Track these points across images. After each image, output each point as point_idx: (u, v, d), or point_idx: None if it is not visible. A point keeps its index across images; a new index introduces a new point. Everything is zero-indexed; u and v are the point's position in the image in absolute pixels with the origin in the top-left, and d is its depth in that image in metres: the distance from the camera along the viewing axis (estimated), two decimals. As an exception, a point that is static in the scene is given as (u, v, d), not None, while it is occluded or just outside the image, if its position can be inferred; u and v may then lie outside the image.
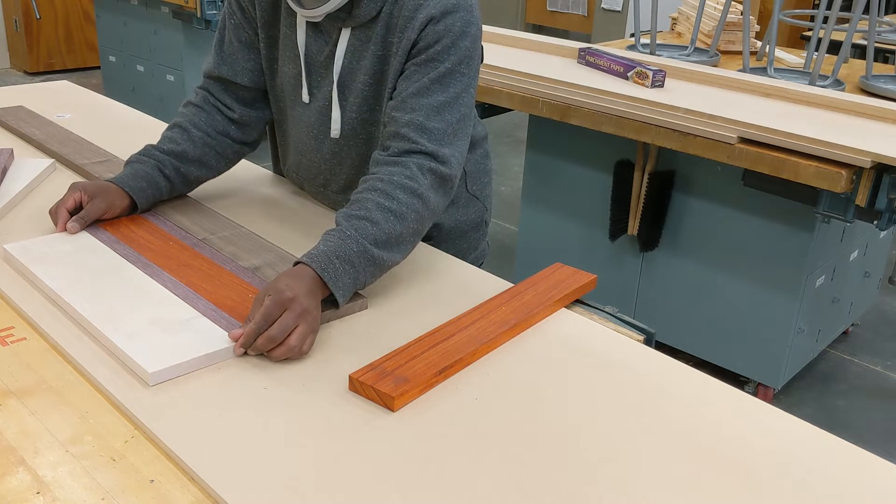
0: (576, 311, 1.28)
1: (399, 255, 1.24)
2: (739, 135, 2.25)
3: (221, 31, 1.49)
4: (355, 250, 1.17)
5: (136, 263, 1.26)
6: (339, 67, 1.38)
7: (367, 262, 1.18)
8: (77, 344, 1.10)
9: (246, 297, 1.19)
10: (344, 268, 1.16)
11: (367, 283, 1.21)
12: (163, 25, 4.64)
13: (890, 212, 2.14)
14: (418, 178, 1.25)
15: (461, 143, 1.32)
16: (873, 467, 0.96)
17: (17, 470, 0.89)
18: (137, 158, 1.45)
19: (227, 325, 1.12)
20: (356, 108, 1.39)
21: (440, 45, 1.29)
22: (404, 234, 1.23)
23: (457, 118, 1.30)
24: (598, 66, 2.77)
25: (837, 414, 2.72)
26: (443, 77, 1.29)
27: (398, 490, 0.88)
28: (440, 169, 1.27)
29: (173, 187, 1.48)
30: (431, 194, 1.26)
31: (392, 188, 1.23)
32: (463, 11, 1.30)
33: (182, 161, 1.46)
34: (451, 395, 1.04)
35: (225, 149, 1.51)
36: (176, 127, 1.49)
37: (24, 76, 6.35)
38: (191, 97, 1.53)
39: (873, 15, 2.85)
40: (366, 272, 1.19)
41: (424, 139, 1.27)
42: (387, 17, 1.32)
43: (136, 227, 1.40)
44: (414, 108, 1.29)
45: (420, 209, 1.24)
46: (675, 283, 2.75)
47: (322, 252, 1.16)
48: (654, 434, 0.99)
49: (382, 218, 1.20)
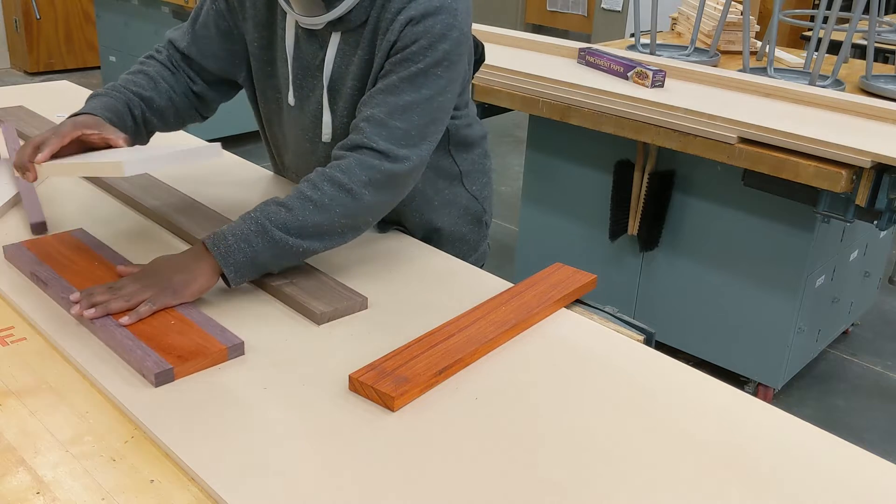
0: (576, 311, 1.28)
1: (319, 244, 1.25)
2: (739, 135, 2.25)
3: (198, 10, 1.48)
4: (253, 229, 1.20)
5: (56, 287, 1.19)
6: (329, 72, 1.38)
7: (267, 243, 1.20)
8: (77, 344, 1.10)
9: (168, 323, 1.12)
10: (238, 245, 1.19)
11: (273, 267, 1.24)
12: (163, 25, 4.64)
13: (890, 212, 2.14)
14: (351, 172, 1.25)
15: (425, 145, 1.30)
16: (873, 467, 0.96)
17: (17, 470, 0.89)
18: (106, 92, 1.41)
19: (142, 357, 1.05)
20: (346, 113, 1.39)
21: (416, 45, 1.27)
22: (325, 224, 1.23)
23: (425, 121, 1.29)
24: (598, 66, 2.77)
25: (837, 414, 2.72)
26: (414, 77, 1.28)
27: (398, 490, 0.88)
28: (385, 166, 1.26)
29: (137, 130, 1.43)
30: (365, 191, 1.25)
31: (321, 180, 1.25)
32: (445, 14, 1.27)
33: (148, 107, 1.44)
34: (451, 395, 1.05)
35: (184, 108, 1.50)
36: (142, 73, 1.45)
37: (24, 76, 6.35)
38: (153, 53, 1.50)
39: (873, 15, 2.85)
40: (266, 252, 1.20)
41: (377, 136, 1.26)
42: (374, 22, 1.32)
43: (61, 244, 1.32)
44: (378, 103, 1.28)
45: (347, 203, 1.24)
46: (675, 283, 2.75)
47: (220, 231, 1.21)
48: (653, 434, 0.99)
49: (299, 206, 1.22)
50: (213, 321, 1.13)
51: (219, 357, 1.07)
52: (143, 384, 1.03)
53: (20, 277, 1.26)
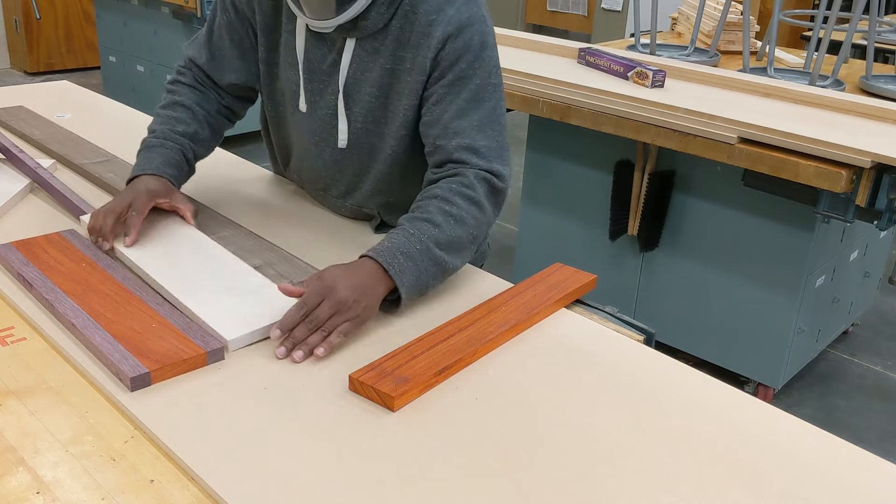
0: (576, 311, 1.28)
1: (459, 261, 1.25)
2: (739, 135, 2.25)
3: (211, 25, 1.48)
4: (418, 248, 1.19)
5: (41, 288, 1.19)
6: (345, 78, 1.37)
7: (430, 262, 1.19)
8: (77, 344, 1.10)
9: (149, 327, 1.11)
10: (407, 264, 1.17)
11: (430, 286, 1.22)
12: (163, 25, 4.64)
13: (890, 212, 2.14)
14: (475, 186, 1.27)
15: (507, 155, 1.33)
16: (873, 467, 0.96)
17: (17, 470, 0.89)
18: (161, 143, 1.42)
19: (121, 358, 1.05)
20: (361, 119, 1.39)
21: (464, 61, 1.29)
22: (464, 238, 1.24)
23: (498, 131, 1.32)
24: (598, 66, 2.77)
25: (837, 414, 2.72)
26: (476, 94, 1.30)
27: (398, 490, 0.88)
28: (494, 181, 1.29)
29: (191, 171, 1.48)
30: (487, 203, 1.28)
31: (451, 195, 1.25)
32: (478, 23, 1.30)
33: (196, 143, 1.46)
34: (451, 395, 1.05)
35: (220, 128, 1.53)
36: (179, 106, 1.47)
37: (24, 76, 6.35)
38: (179, 77, 1.51)
39: (873, 15, 2.84)
40: (428, 272, 1.20)
41: (476, 159, 1.29)
42: (397, 32, 1.32)
43: (50, 245, 1.32)
44: (457, 131, 1.30)
45: (478, 216, 1.26)
46: (675, 283, 2.75)
47: (386, 248, 1.18)
48: (653, 434, 0.99)
49: (444, 221, 1.22)
50: (195, 324, 1.13)
51: (198, 362, 1.06)
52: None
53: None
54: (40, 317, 1.15)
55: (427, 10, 1.30)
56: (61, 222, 1.45)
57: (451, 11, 1.29)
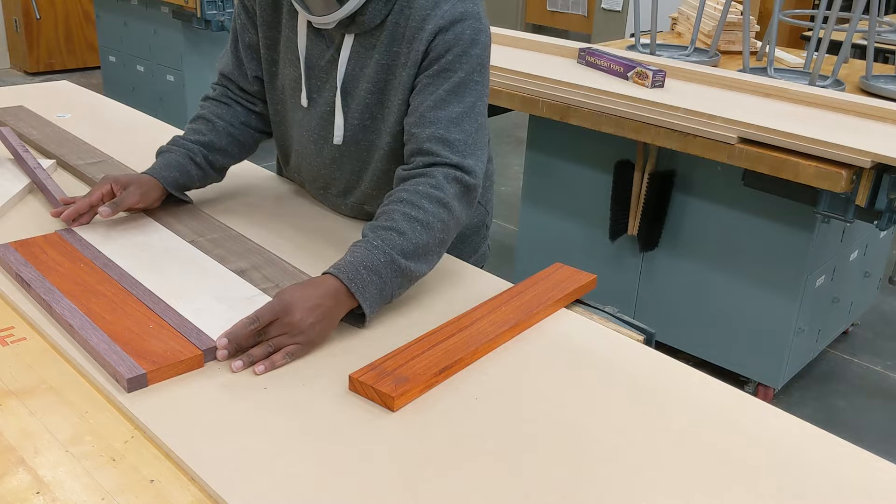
0: (576, 311, 1.28)
1: (426, 266, 1.23)
2: (739, 135, 2.25)
3: (234, 33, 1.51)
4: (382, 261, 1.16)
5: (39, 288, 1.19)
6: (343, 73, 1.38)
7: (394, 273, 1.17)
8: (76, 344, 1.10)
9: (146, 328, 1.11)
10: (371, 278, 1.15)
11: (394, 296, 1.20)
12: (163, 25, 4.64)
13: (890, 212, 2.14)
14: (444, 187, 1.25)
15: (481, 153, 1.32)
16: (873, 467, 0.96)
17: (17, 470, 0.89)
18: (167, 148, 1.48)
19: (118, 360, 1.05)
20: (358, 115, 1.39)
21: (451, 54, 1.29)
22: (431, 244, 1.22)
23: (475, 127, 1.31)
24: (598, 66, 2.77)
25: (837, 414, 2.72)
26: (457, 87, 1.29)
27: (398, 490, 0.88)
28: (465, 178, 1.27)
29: (205, 175, 1.50)
30: (456, 203, 1.26)
31: (418, 198, 1.23)
32: (471, 20, 1.30)
33: (209, 150, 1.49)
34: (451, 395, 1.05)
35: (246, 138, 1.55)
36: (200, 119, 1.52)
37: (24, 76, 6.35)
38: (209, 93, 1.56)
39: (873, 15, 2.84)
40: (392, 283, 1.18)
41: (447, 151, 1.27)
42: (392, 27, 1.32)
43: (48, 245, 1.32)
44: (433, 121, 1.29)
45: (446, 218, 1.24)
46: (675, 283, 2.75)
47: (349, 262, 1.16)
48: (653, 434, 0.99)
49: (409, 228, 1.20)
50: (191, 324, 1.13)
51: (194, 363, 1.06)
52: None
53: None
54: (40, 317, 1.15)
55: (423, 4, 1.30)
56: (60, 222, 1.44)
57: (445, 7, 1.29)
